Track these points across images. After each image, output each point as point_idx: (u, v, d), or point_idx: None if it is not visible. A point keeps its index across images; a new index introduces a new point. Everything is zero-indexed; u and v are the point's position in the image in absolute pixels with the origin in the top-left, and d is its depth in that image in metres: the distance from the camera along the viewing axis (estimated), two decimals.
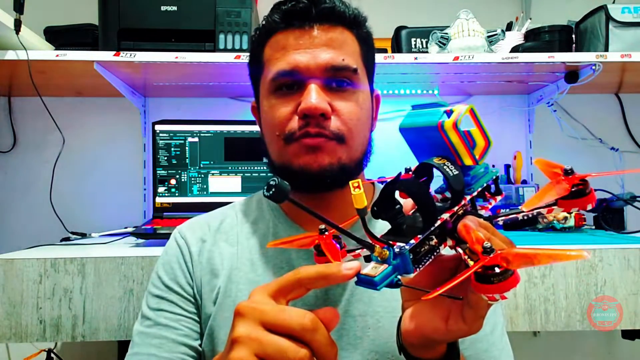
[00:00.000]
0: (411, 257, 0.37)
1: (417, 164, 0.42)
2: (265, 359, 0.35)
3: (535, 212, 0.40)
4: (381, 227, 0.42)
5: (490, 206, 0.44)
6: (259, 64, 0.65)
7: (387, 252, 0.37)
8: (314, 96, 0.58)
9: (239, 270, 0.63)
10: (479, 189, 0.42)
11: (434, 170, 0.41)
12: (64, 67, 1.17)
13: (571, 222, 1.17)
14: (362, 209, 0.37)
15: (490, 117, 1.53)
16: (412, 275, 0.37)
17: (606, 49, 1.21)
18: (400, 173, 0.41)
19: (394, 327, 0.49)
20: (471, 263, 0.35)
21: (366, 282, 0.36)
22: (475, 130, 0.41)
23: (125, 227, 1.31)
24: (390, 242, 0.38)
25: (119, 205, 1.46)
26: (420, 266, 0.38)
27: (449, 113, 0.39)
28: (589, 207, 0.37)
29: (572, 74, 1.27)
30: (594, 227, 1.28)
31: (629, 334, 1.23)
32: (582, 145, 1.53)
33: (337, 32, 0.61)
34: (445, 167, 0.39)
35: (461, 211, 0.41)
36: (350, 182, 0.37)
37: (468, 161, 0.40)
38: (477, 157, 0.40)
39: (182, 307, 0.63)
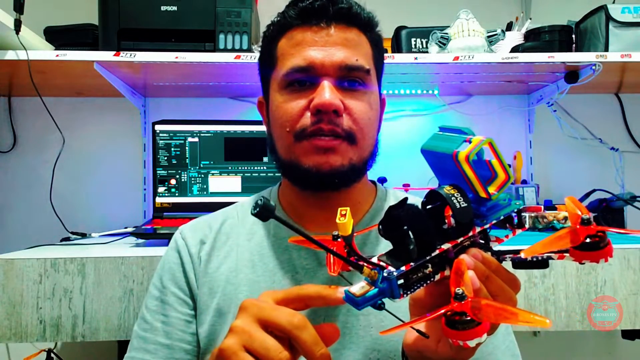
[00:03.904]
0: (401, 282, 0.37)
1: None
2: (252, 352, 0.39)
3: (545, 255, 0.40)
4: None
5: (506, 239, 0.43)
6: (271, 58, 0.65)
7: (377, 274, 0.37)
8: (327, 92, 0.58)
9: (239, 272, 0.63)
10: (494, 221, 0.41)
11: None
12: (64, 67, 1.17)
13: None
14: (347, 236, 0.38)
15: (490, 117, 1.53)
16: (398, 300, 0.38)
17: (606, 49, 1.21)
18: (406, 198, 0.40)
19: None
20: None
21: (350, 300, 0.38)
22: (496, 162, 0.40)
23: (125, 227, 1.31)
24: (383, 265, 0.38)
25: (119, 205, 1.46)
26: (409, 292, 0.38)
27: (469, 142, 0.39)
28: (602, 261, 0.36)
29: (572, 74, 1.27)
30: None
31: (629, 334, 1.23)
32: (582, 145, 1.53)
33: (352, 33, 0.62)
34: (453, 198, 0.38)
35: (467, 242, 0.40)
36: (339, 209, 0.39)
37: (482, 194, 0.39)
38: (494, 189, 0.40)
39: (179, 310, 0.63)
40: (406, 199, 0.40)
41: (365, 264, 0.38)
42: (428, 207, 0.40)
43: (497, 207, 0.41)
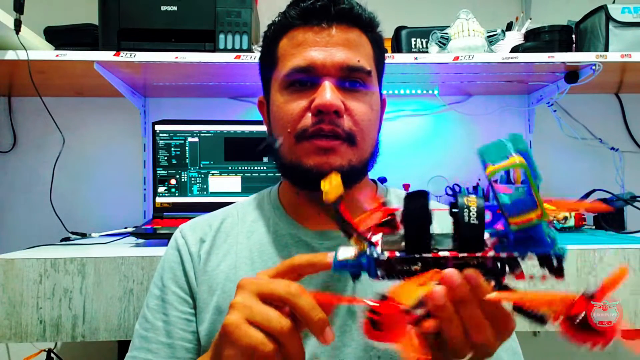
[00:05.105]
0: (385, 267, 0.37)
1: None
2: (255, 325, 0.40)
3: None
4: None
5: (531, 279, 0.39)
6: (272, 58, 0.65)
7: (365, 247, 0.38)
8: (328, 93, 0.58)
9: (238, 269, 0.64)
10: (517, 255, 0.37)
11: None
12: (64, 67, 1.17)
13: (571, 222, 1.17)
14: (332, 202, 0.39)
15: (490, 117, 1.53)
16: (375, 280, 0.38)
17: (606, 49, 1.21)
18: (426, 192, 0.38)
19: None
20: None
21: (335, 264, 0.40)
22: (537, 192, 0.35)
23: (125, 227, 1.31)
24: (373, 242, 0.38)
25: (119, 205, 1.46)
26: (388, 279, 0.38)
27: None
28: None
29: (572, 74, 1.27)
30: (594, 227, 1.28)
31: None
32: (582, 145, 1.53)
33: (354, 33, 0.62)
34: (466, 210, 0.35)
35: (474, 262, 0.37)
36: (331, 175, 0.40)
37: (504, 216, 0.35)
38: (516, 221, 0.34)
39: (179, 309, 0.64)
40: (426, 192, 0.38)
41: (355, 234, 0.38)
42: (454, 210, 0.37)
43: (531, 242, 0.36)
